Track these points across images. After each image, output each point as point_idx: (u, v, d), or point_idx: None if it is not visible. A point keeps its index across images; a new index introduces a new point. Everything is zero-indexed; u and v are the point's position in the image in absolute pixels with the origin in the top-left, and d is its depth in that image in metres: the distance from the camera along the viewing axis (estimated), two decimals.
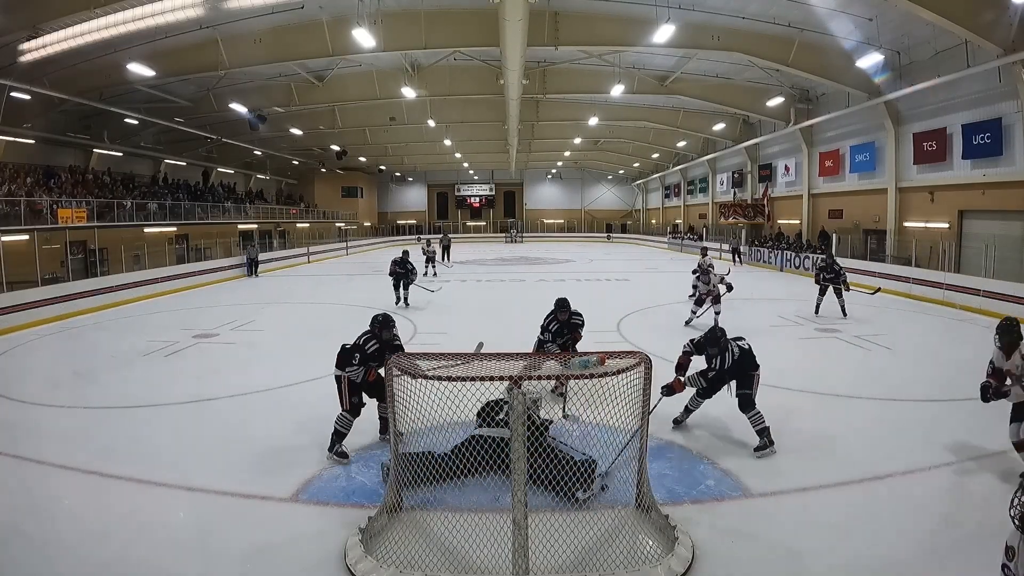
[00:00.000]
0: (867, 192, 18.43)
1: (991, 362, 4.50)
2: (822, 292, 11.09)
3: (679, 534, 3.48)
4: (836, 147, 19.99)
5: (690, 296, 11.03)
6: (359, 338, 5.02)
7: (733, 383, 5.06)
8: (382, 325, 5.05)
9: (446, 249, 24.64)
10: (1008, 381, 4.33)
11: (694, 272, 11.08)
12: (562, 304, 6.19)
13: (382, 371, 4.68)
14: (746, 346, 5.10)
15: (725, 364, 5.01)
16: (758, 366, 5.06)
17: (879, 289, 12.68)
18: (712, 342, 5.02)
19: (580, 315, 6.37)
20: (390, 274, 13.12)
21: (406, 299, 13.05)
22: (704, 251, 13.84)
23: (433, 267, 19.30)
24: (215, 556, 3.51)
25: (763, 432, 4.87)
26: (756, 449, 4.84)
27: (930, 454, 4.73)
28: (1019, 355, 4.28)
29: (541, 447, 3.99)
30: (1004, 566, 2.77)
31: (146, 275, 15.80)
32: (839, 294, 10.87)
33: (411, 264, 13.15)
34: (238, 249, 22.18)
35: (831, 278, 10.85)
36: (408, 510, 3.84)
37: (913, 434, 5.25)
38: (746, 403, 4.96)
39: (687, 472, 4.51)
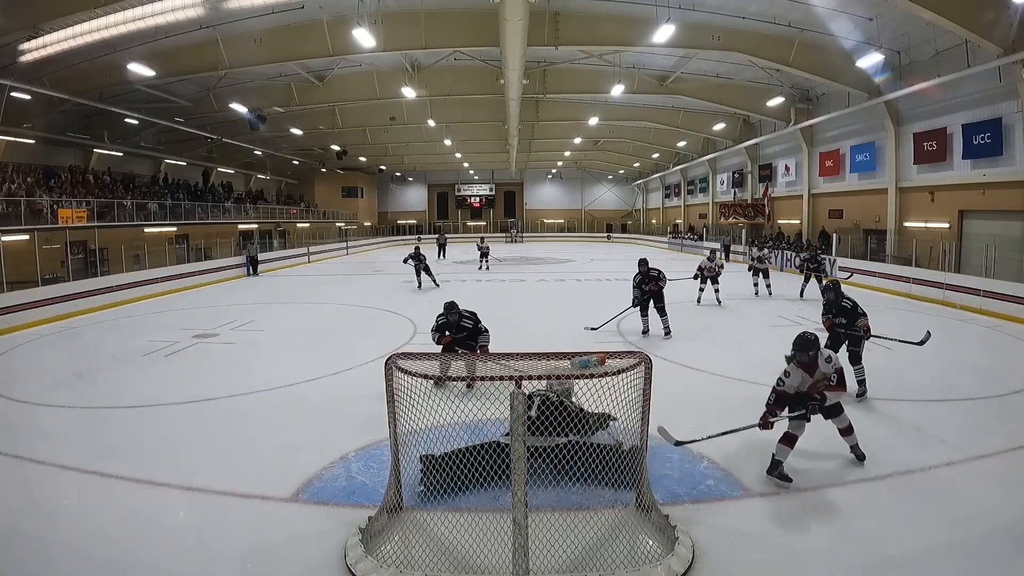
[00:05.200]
0: (867, 192, 18.41)
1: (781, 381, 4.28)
2: (806, 279, 13.54)
3: (679, 534, 3.48)
4: (836, 147, 19.98)
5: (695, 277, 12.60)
6: (438, 317, 6.48)
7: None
8: (447, 309, 6.41)
9: (442, 247, 26.14)
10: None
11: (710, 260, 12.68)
12: (641, 261, 9.19)
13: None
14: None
15: (852, 303, 6.16)
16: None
17: (852, 274, 15.44)
18: (826, 288, 6.39)
19: (657, 270, 8.96)
20: (406, 260, 16.25)
21: (433, 279, 16.06)
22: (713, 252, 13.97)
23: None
24: (215, 556, 3.51)
25: (862, 383, 6.02)
26: (857, 395, 5.95)
27: (930, 454, 4.73)
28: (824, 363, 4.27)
29: (582, 434, 4.03)
30: (779, 379, 4.31)
31: (146, 275, 15.79)
32: (819, 280, 13.07)
33: (423, 255, 16.15)
34: (238, 249, 22.18)
35: (814, 267, 13.33)
36: (408, 510, 3.84)
37: (913, 434, 5.24)
38: (854, 358, 6.05)
39: (687, 472, 4.50)
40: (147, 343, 9.40)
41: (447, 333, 6.39)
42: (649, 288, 8.96)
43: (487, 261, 22.13)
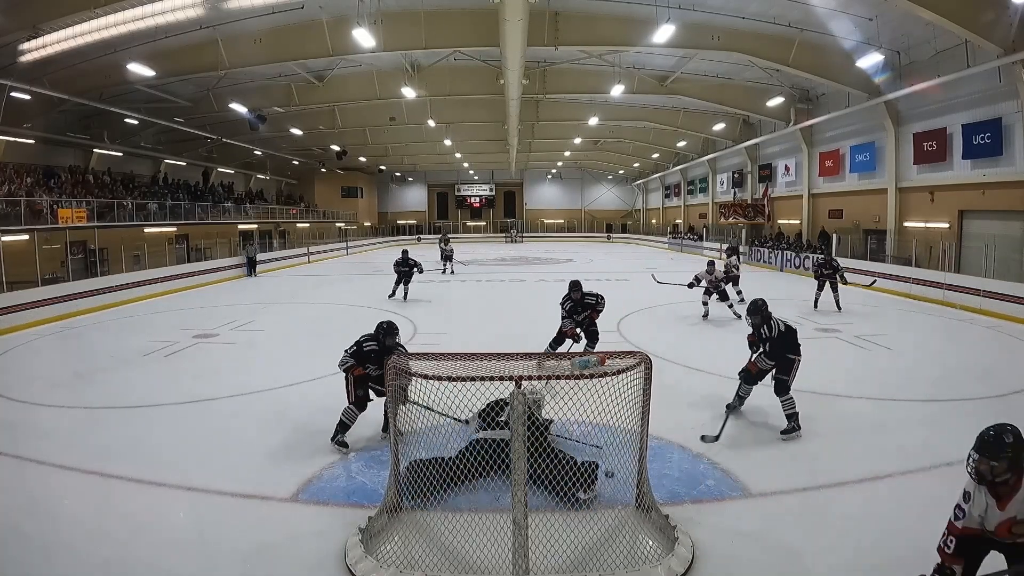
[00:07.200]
0: (867, 192, 18.41)
1: None
2: (820, 287, 11.80)
3: (679, 534, 3.48)
4: (836, 147, 19.98)
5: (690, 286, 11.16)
6: (361, 337, 5.18)
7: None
8: (386, 332, 5.12)
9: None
10: None
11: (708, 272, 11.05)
12: (574, 285, 7.39)
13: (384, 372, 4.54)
14: (790, 327, 5.32)
15: (771, 333, 5.20)
16: (799, 352, 5.26)
17: (876, 280, 13.27)
18: (753, 310, 5.31)
19: (595, 295, 7.38)
20: (397, 272, 13.84)
21: (406, 294, 13.79)
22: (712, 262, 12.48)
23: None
24: (215, 556, 3.51)
25: (792, 417, 5.18)
26: (783, 432, 5.15)
27: (930, 454, 4.73)
28: None
29: (542, 448, 3.99)
30: (958, 507, 2.66)
31: (146, 275, 15.80)
32: (835, 288, 11.57)
33: (412, 260, 13.84)
34: (238, 249, 22.20)
35: (829, 273, 11.60)
36: (408, 510, 3.84)
37: (913, 434, 5.24)
38: (781, 388, 5.22)
39: (687, 472, 4.50)
40: (147, 343, 9.40)
41: (367, 366, 5.04)
42: (587, 315, 7.46)
43: (451, 264, 20.12)
